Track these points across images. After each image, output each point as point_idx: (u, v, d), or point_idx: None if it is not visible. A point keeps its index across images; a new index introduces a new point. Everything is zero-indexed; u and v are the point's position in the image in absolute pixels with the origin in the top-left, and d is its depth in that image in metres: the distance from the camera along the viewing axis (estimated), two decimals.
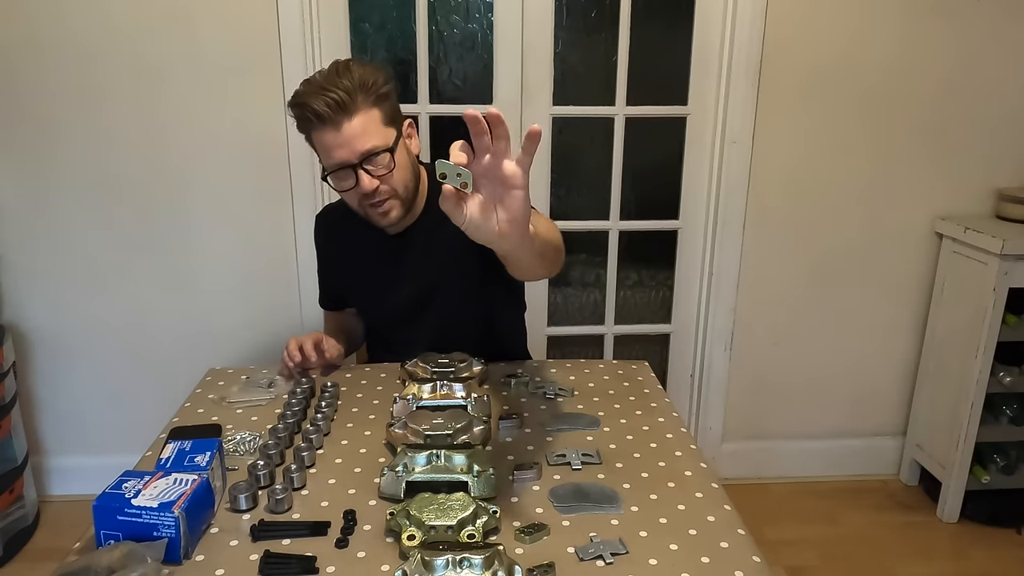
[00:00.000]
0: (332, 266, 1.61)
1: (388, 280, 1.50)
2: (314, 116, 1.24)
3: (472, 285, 1.46)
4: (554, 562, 0.87)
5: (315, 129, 1.27)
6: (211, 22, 1.97)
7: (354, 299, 1.61)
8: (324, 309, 1.71)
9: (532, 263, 1.08)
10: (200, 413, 1.28)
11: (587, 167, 2.33)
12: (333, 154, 1.27)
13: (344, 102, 1.23)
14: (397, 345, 1.53)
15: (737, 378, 2.37)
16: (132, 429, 1.87)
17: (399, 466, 1.01)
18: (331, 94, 1.22)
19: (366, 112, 1.26)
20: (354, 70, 1.26)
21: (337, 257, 1.58)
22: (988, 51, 2.13)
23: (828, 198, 2.23)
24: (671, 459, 1.12)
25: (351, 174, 1.28)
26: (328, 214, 1.62)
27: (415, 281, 1.47)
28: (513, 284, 1.59)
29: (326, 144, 1.27)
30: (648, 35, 2.15)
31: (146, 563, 0.82)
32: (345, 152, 1.26)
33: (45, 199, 2.07)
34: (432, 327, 1.49)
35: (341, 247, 1.56)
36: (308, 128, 1.29)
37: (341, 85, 1.23)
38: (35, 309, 2.16)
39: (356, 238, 1.51)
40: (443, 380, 1.27)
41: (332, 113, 1.23)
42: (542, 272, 1.17)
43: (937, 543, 2.15)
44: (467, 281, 1.46)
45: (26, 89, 1.98)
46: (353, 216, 1.43)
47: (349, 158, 1.27)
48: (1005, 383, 2.09)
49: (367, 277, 1.52)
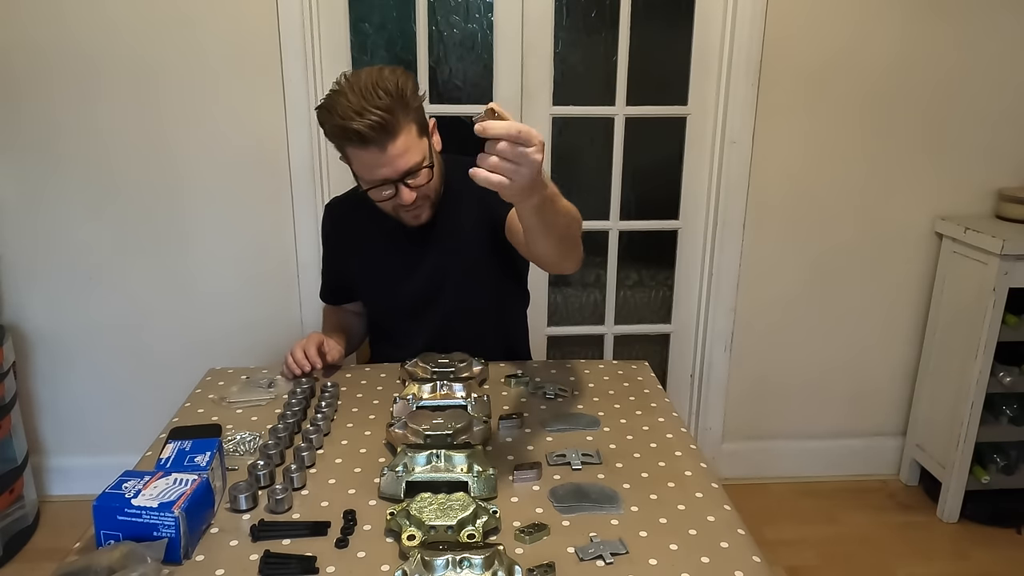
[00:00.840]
0: (341, 257, 1.60)
1: (401, 269, 1.50)
2: (357, 138, 1.23)
3: (482, 270, 1.48)
4: (554, 562, 0.87)
5: (356, 147, 1.26)
6: (211, 22, 1.97)
7: (363, 290, 1.61)
8: (325, 303, 1.71)
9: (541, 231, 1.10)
10: (200, 413, 1.28)
11: (587, 167, 2.33)
12: (376, 172, 1.28)
13: (387, 124, 1.22)
14: (401, 337, 1.54)
15: (737, 378, 2.37)
16: (132, 429, 1.87)
17: (399, 466, 1.01)
18: (373, 116, 1.21)
19: (407, 129, 1.26)
20: (388, 81, 1.24)
21: (347, 248, 1.58)
22: (988, 51, 2.13)
23: (828, 198, 2.23)
24: (671, 459, 1.12)
25: (391, 187, 1.30)
26: (338, 205, 1.62)
27: (428, 268, 1.48)
28: (521, 274, 1.60)
29: (367, 162, 1.28)
30: (648, 35, 2.15)
31: (146, 563, 0.82)
32: (388, 171, 1.28)
33: (45, 199, 2.07)
34: (440, 318, 1.50)
35: (352, 238, 1.56)
36: (346, 146, 1.28)
37: (381, 104, 1.22)
38: (35, 309, 2.16)
39: (367, 229, 1.52)
40: (443, 380, 1.27)
41: (376, 135, 1.23)
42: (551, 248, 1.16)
43: (937, 543, 2.15)
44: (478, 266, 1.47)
45: (26, 89, 1.98)
46: (364, 207, 1.44)
47: (392, 176, 1.28)
48: (1005, 383, 2.09)
49: (379, 267, 1.53)
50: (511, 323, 1.63)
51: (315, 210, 2.10)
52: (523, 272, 1.62)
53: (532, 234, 1.13)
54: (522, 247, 1.32)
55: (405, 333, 1.54)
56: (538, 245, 1.16)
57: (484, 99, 2.14)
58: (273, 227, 2.14)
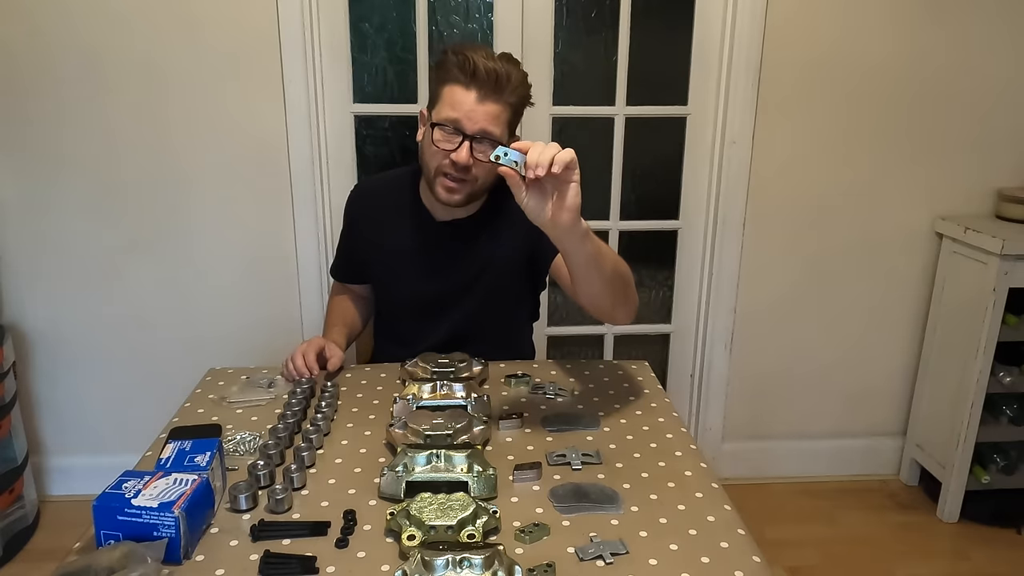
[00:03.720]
0: (362, 240, 1.56)
1: (427, 268, 1.48)
2: (470, 73, 1.26)
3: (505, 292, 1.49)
4: (554, 562, 0.87)
5: (459, 84, 1.28)
6: (211, 22, 1.97)
7: (377, 279, 1.59)
8: (335, 279, 1.68)
9: (590, 272, 1.15)
10: (200, 413, 1.28)
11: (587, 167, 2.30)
12: (457, 113, 1.28)
13: (501, 82, 1.28)
14: (407, 336, 1.53)
15: (737, 378, 2.37)
16: (132, 429, 1.87)
17: (399, 466, 1.01)
18: (497, 67, 1.27)
19: (506, 105, 1.31)
20: (520, 71, 1.32)
21: (370, 233, 1.54)
22: (988, 51, 2.13)
23: (828, 198, 2.23)
24: (671, 459, 1.12)
25: (458, 139, 1.29)
26: (368, 189, 1.60)
27: (455, 273, 1.47)
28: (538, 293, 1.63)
29: (459, 102, 1.28)
30: (648, 35, 2.15)
31: (146, 563, 0.82)
32: (467, 120, 1.28)
33: (45, 199, 2.07)
34: (450, 325, 1.49)
35: (377, 224, 1.53)
36: (453, 79, 1.29)
37: (505, 70, 1.28)
38: (35, 309, 2.16)
39: (394, 219, 1.50)
40: (443, 380, 1.27)
41: (487, 83, 1.27)
42: (600, 292, 1.21)
43: (937, 543, 2.15)
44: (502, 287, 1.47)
45: (27, 89, 1.98)
46: (394, 196, 1.45)
47: (469, 127, 1.29)
48: (1005, 383, 2.09)
49: (400, 260, 1.50)
50: (519, 336, 1.64)
51: (315, 210, 2.10)
52: (538, 295, 1.63)
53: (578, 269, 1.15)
54: (567, 288, 1.34)
55: (413, 333, 1.53)
56: (588, 285, 1.19)
57: None
58: (273, 227, 2.14)
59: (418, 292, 1.50)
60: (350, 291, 1.66)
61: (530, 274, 1.50)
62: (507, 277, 1.48)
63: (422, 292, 1.49)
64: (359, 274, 1.62)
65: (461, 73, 1.27)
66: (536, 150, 0.99)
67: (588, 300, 1.25)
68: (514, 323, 1.59)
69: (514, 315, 1.57)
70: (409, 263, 1.49)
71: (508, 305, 1.53)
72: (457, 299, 1.48)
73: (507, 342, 1.57)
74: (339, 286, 1.68)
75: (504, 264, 1.46)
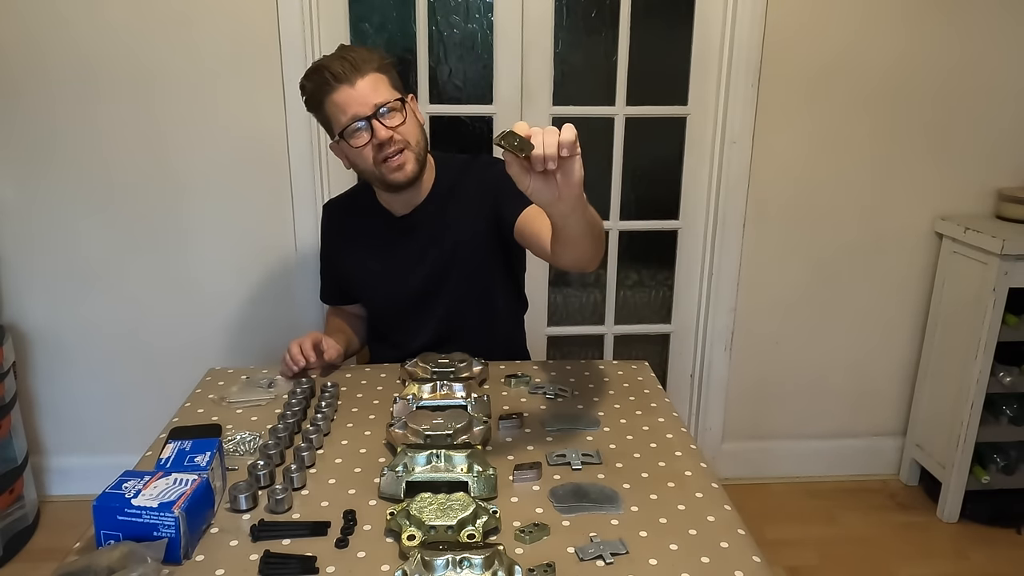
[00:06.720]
0: (339, 256, 1.61)
1: (399, 265, 1.51)
2: (331, 76, 1.33)
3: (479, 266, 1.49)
4: (554, 562, 0.87)
5: (331, 91, 1.34)
6: (211, 23, 1.97)
7: (362, 288, 1.61)
8: (325, 303, 1.71)
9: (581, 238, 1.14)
10: (200, 413, 1.28)
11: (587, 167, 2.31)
12: (348, 110, 1.34)
13: (357, 63, 1.34)
14: (399, 337, 1.54)
15: (737, 378, 2.37)
16: (132, 429, 1.87)
17: (399, 466, 1.01)
18: (343, 54, 1.35)
19: (375, 75, 1.36)
20: (358, 47, 1.38)
21: (345, 246, 1.59)
22: (989, 51, 2.13)
23: (828, 198, 2.23)
24: (671, 459, 1.12)
25: (367, 127, 1.34)
26: (335, 204, 1.66)
27: (426, 264, 1.49)
28: (518, 280, 1.62)
29: (341, 103, 1.34)
30: (648, 35, 2.15)
31: (146, 563, 0.82)
32: (359, 107, 1.33)
33: (45, 199, 2.07)
34: (436, 318, 1.51)
35: (349, 236, 1.58)
36: (323, 93, 1.35)
37: (351, 54, 1.35)
38: (35, 309, 2.16)
39: (364, 225, 1.54)
40: (443, 380, 1.27)
41: (347, 72, 1.33)
42: (586, 252, 1.19)
43: (937, 543, 2.15)
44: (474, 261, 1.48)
45: (26, 90, 1.98)
46: (360, 203, 1.48)
47: (363, 111, 1.33)
48: (1005, 383, 2.09)
49: (376, 264, 1.53)
50: (509, 326, 1.63)
51: (315, 210, 2.10)
52: (520, 277, 1.62)
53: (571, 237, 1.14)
54: (539, 250, 1.33)
55: (402, 333, 1.55)
56: (576, 248, 1.17)
57: (484, 99, 2.15)
58: (273, 227, 2.14)
59: (399, 292, 1.52)
60: (343, 312, 1.69)
61: (500, 245, 1.49)
62: (479, 254, 1.48)
63: (403, 291, 1.52)
64: (346, 293, 1.65)
65: (324, 84, 1.34)
66: (538, 139, 0.96)
67: (572, 261, 1.23)
68: (499, 311, 1.58)
69: (496, 299, 1.56)
70: (383, 265, 1.52)
71: (487, 288, 1.53)
72: (436, 291, 1.50)
73: (497, 333, 1.57)
74: (333, 309, 1.72)
75: (471, 239, 1.47)
